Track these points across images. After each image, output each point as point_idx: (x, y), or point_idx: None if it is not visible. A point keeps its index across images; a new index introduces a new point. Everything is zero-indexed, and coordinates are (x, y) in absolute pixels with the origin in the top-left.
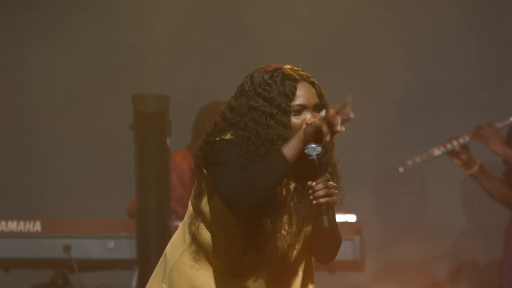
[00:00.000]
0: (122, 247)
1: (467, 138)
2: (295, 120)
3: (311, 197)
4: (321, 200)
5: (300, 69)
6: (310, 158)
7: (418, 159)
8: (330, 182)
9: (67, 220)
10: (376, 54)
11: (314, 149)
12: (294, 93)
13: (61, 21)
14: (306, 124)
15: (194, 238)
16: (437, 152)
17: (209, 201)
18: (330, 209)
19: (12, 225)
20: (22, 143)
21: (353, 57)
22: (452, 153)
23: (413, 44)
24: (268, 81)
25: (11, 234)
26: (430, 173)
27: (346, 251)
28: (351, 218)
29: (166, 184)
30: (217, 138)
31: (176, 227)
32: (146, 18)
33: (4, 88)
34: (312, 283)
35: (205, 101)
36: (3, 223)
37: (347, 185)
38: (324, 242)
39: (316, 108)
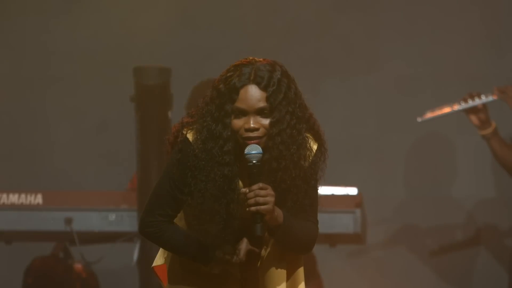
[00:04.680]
0: (123, 219)
1: (490, 97)
2: (236, 121)
3: (245, 204)
4: (252, 208)
5: (269, 68)
6: (249, 164)
7: (437, 111)
8: (265, 190)
9: (68, 193)
10: (379, 28)
11: (254, 155)
12: (236, 95)
13: None
14: (245, 128)
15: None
16: (457, 106)
17: None
18: (266, 217)
19: (13, 198)
20: (23, 116)
21: (356, 30)
22: (472, 111)
23: (415, 17)
24: (226, 75)
25: (12, 207)
26: (430, 145)
27: (347, 224)
28: (352, 191)
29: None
30: (184, 132)
31: None
32: None
33: (3, 60)
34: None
35: (207, 73)
36: (4, 195)
37: (348, 158)
38: (286, 244)
39: (261, 112)
